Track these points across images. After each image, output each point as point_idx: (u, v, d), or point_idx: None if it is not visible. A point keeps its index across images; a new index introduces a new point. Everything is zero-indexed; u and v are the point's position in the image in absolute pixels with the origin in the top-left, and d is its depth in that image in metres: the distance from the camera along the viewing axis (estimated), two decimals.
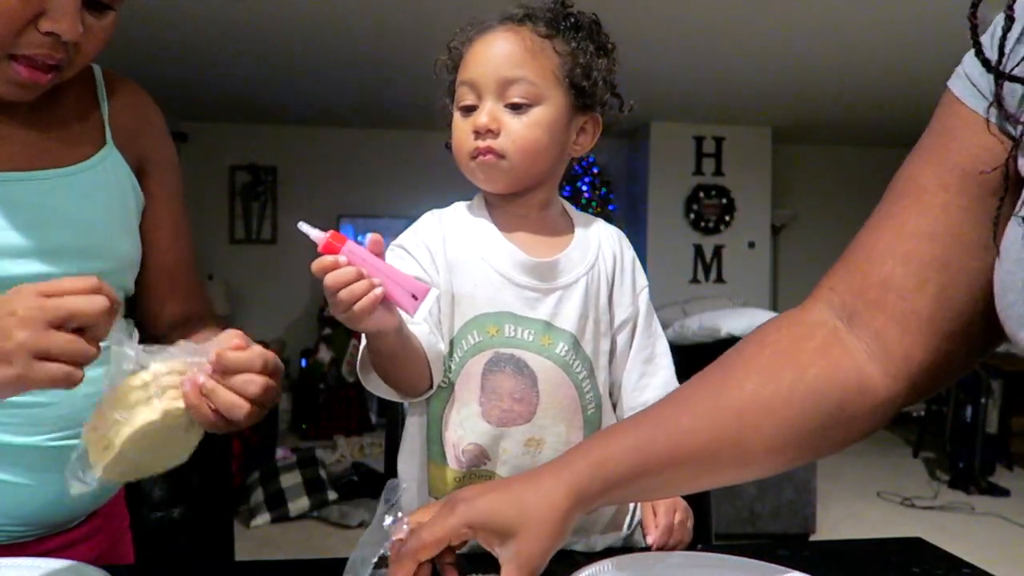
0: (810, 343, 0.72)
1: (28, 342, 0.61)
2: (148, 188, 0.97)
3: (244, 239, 6.11)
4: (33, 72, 0.78)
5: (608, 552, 0.90)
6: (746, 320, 3.75)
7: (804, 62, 4.25)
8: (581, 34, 0.92)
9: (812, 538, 3.32)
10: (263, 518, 3.58)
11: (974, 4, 0.62)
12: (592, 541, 0.95)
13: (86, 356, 0.63)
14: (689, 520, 0.94)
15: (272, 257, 6.02)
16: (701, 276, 5.98)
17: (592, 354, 0.94)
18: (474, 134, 0.89)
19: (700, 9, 3.47)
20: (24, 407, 0.84)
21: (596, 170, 5.92)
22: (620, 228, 1.05)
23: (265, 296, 6.03)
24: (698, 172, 5.94)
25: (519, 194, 0.94)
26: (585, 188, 5.85)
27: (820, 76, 4.51)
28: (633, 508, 0.99)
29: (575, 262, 0.95)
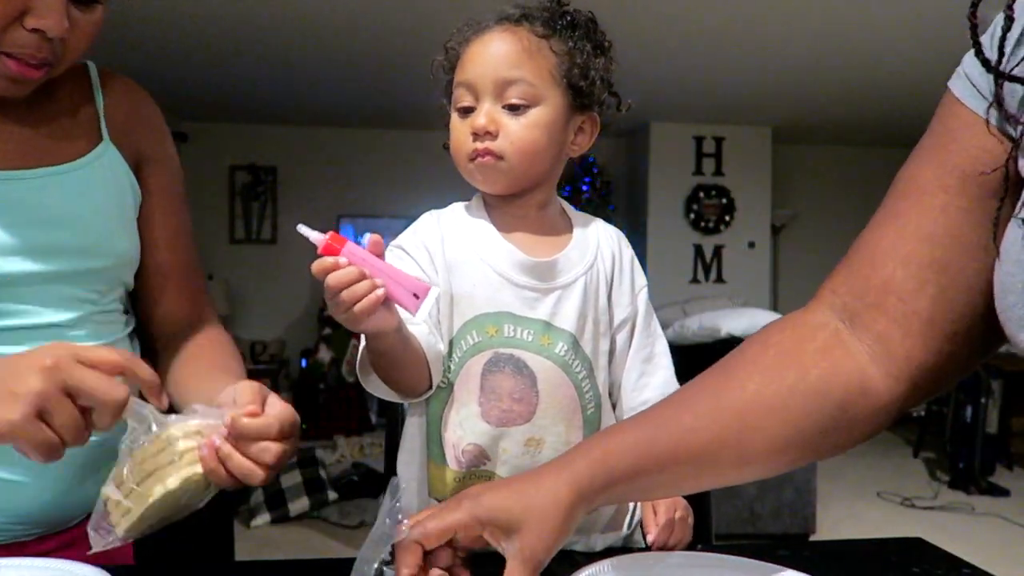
0: (812, 344, 0.72)
1: (39, 396, 0.61)
2: (145, 185, 0.96)
3: (244, 239, 6.11)
4: (22, 67, 0.78)
5: (608, 552, 0.90)
6: (746, 320, 3.74)
7: (804, 62, 4.25)
8: (578, 33, 0.91)
9: (812, 538, 3.32)
10: (263, 518, 3.59)
11: (974, 4, 0.62)
12: (592, 541, 0.95)
13: (76, 439, 0.63)
14: (689, 519, 0.94)
15: (272, 257, 6.02)
16: (701, 276, 5.98)
17: (591, 354, 0.94)
18: (472, 136, 0.88)
19: (700, 9, 3.47)
20: None
21: (596, 170, 5.92)
22: (620, 228, 1.05)
23: (265, 296, 6.03)
24: (698, 172, 5.94)
25: (518, 195, 0.94)
26: (585, 188, 5.86)
27: (820, 76, 4.51)
28: (633, 508, 0.99)
29: (574, 262, 0.94)
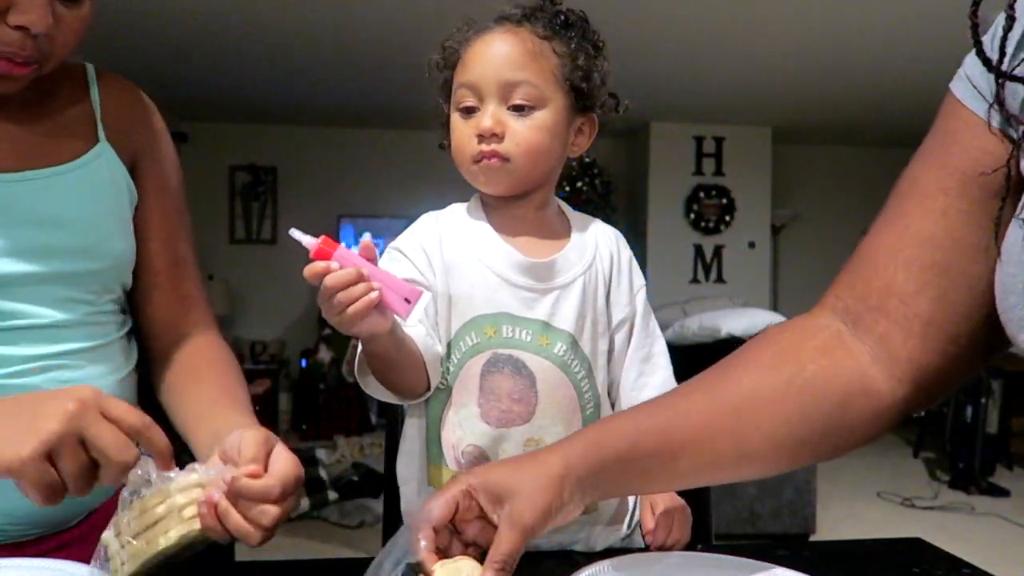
0: (812, 343, 0.72)
1: (54, 438, 0.61)
2: (141, 185, 0.95)
3: (244, 239, 6.11)
4: (9, 65, 0.78)
5: (608, 552, 0.90)
6: (746, 320, 3.74)
7: (804, 62, 4.25)
8: (575, 33, 0.91)
9: (812, 538, 3.32)
10: None
11: (975, 3, 0.62)
12: (592, 541, 0.95)
13: (79, 489, 0.63)
14: (688, 519, 0.94)
15: (272, 257, 6.02)
16: (701, 276, 5.98)
17: (590, 354, 0.94)
18: (478, 137, 0.88)
19: (700, 9, 3.47)
20: None
21: (596, 170, 5.92)
22: (620, 228, 1.05)
23: (265, 296, 6.03)
24: (698, 172, 5.93)
25: (518, 196, 0.94)
26: (585, 188, 5.85)
27: (820, 76, 4.51)
28: (632, 508, 0.99)
29: (572, 262, 0.94)
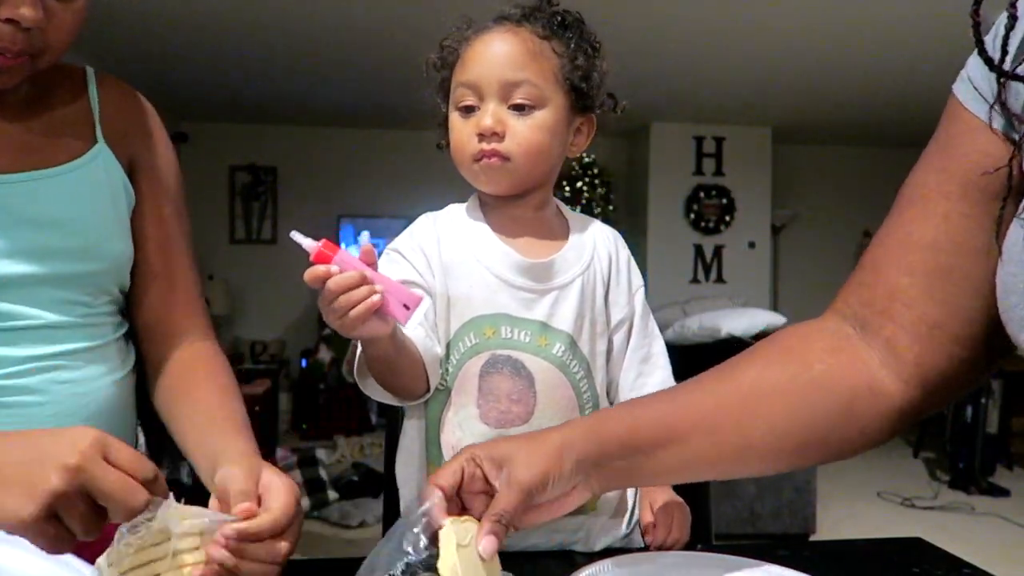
0: (819, 344, 0.73)
1: (56, 497, 0.58)
2: (139, 188, 0.95)
3: (244, 239, 6.10)
4: (2, 58, 0.77)
5: (607, 552, 0.91)
6: (746, 320, 3.74)
7: (804, 62, 4.25)
8: (573, 34, 0.91)
9: (812, 538, 3.32)
10: None
11: (976, 2, 0.62)
12: (591, 540, 0.94)
13: (89, 535, 0.61)
14: (687, 519, 0.94)
15: (272, 257, 6.02)
16: (701, 276, 5.98)
17: (589, 354, 0.94)
18: (478, 136, 0.88)
19: (700, 10, 3.47)
20: (17, 407, 0.83)
21: (596, 170, 5.92)
22: (620, 228, 1.05)
23: (265, 296, 6.02)
24: (698, 172, 5.93)
25: (518, 196, 0.94)
26: (585, 188, 5.85)
27: (820, 76, 4.51)
28: (632, 508, 0.99)
29: (571, 263, 0.94)
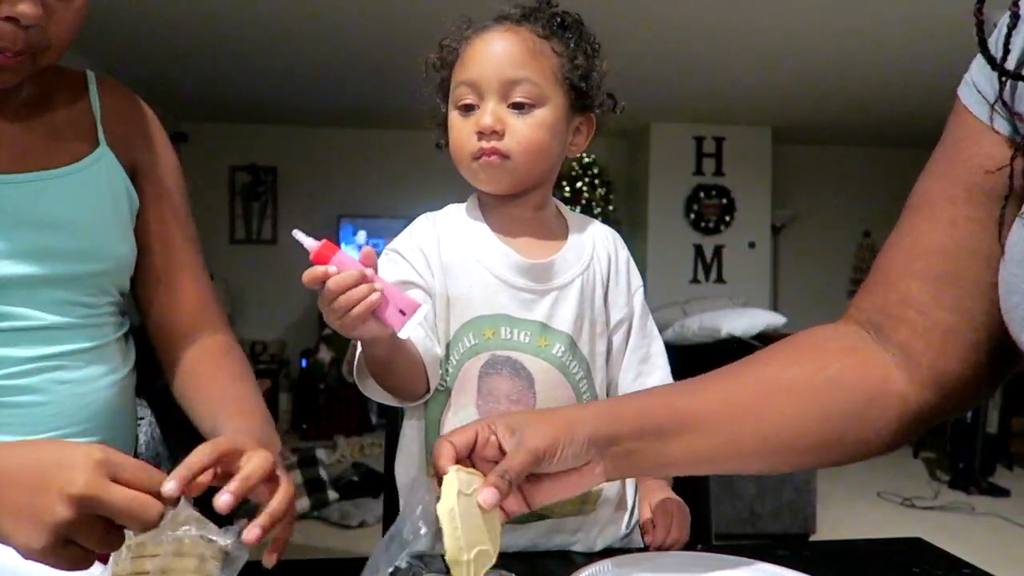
0: (836, 344, 0.73)
1: (66, 527, 0.57)
2: (142, 191, 0.96)
3: (244, 239, 6.10)
4: (2, 56, 0.78)
5: (607, 552, 0.91)
6: (746, 320, 3.74)
7: (804, 62, 4.24)
8: (573, 34, 0.92)
9: (812, 538, 3.32)
10: None
11: (980, 1, 0.62)
12: (591, 541, 0.94)
13: (107, 550, 0.61)
14: (687, 519, 0.94)
15: (272, 257, 6.02)
16: (701, 276, 5.97)
17: (588, 355, 0.94)
18: (478, 135, 0.88)
19: (700, 9, 3.47)
20: (18, 407, 0.84)
21: (596, 170, 5.92)
22: (620, 228, 1.05)
23: (265, 296, 6.02)
24: (698, 172, 5.93)
25: (517, 195, 0.94)
26: (585, 188, 5.85)
27: (820, 76, 4.51)
28: (632, 508, 0.99)
29: (570, 263, 0.94)
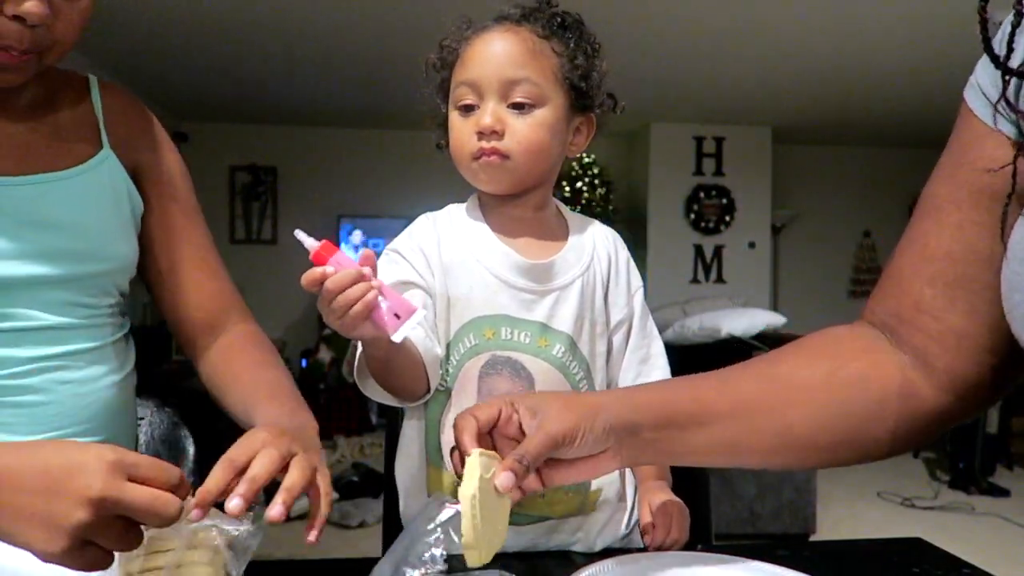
0: (852, 344, 0.73)
1: (83, 529, 0.57)
2: (147, 194, 0.96)
3: (244, 239, 6.10)
4: (8, 56, 0.78)
5: (607, 552, 0.91)
6: (746, 320, 3.74)
7: (804, 62, 4.24)
8: (573, 34, 0.92)
9: (812, 538, 3.32)
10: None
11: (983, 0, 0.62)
12: (591, 541, 0.95)
13: (127, 548, 0.61)
14: (686, 519, 0.94)
15: (272, 257, 6.02)
16: (701, 276, 5.97)
17: (589, 355, 0.94)
18: (478, 135, 0.88)
19: (700, 9, 3.47)
20: (21, 406, 0.84)
21: (596, 170, 5.92)
22: (620, 228, 1.05)
23: (265, 296, 6.01)
24: (698, 172, 5.93)
25: (517, 195, 0.94)
26: (585, 188, 5.85)
27: (820, 76, 4.51)
28: (631, 508, 0.99)
29: (570, 263, 0.94)
